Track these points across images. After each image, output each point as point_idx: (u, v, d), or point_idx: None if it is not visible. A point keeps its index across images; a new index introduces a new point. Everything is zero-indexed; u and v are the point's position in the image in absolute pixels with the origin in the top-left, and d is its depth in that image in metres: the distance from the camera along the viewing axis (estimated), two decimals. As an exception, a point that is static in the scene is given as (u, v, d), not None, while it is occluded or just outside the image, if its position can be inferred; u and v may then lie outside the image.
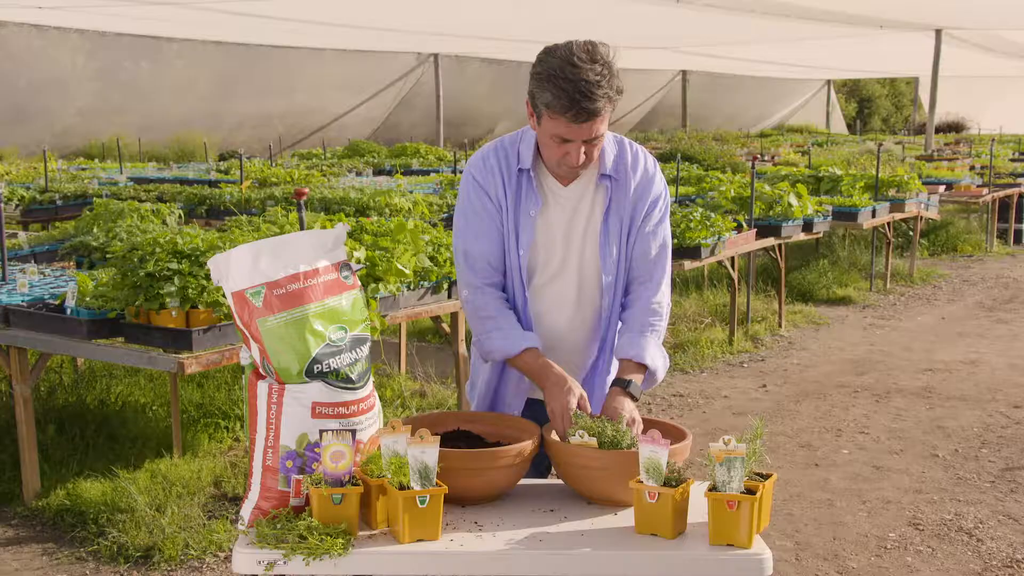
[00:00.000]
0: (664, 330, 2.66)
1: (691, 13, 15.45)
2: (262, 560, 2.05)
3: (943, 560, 4.17)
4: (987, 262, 12.54)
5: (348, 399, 2.25)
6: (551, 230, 2.61)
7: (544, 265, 2.63)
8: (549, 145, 2.48)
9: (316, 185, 9.94)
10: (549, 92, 2.35)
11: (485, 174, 2.61)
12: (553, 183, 2.62)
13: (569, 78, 2.32)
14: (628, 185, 2.61)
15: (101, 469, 4.81)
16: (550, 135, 2.44)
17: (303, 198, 3.97)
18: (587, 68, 2.33)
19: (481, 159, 2.64)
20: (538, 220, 2.60)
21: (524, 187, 2.59)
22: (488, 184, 2.61)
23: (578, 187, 2.62)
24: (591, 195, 2.61)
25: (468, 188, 2.63)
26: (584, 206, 2.61)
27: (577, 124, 2.37)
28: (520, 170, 2.59)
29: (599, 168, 2.59)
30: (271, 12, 15.88)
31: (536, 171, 2.61)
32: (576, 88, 2.32)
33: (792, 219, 8.22)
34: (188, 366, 4.00)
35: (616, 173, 2.60)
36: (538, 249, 2.61)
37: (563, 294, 2.64)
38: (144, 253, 4.34)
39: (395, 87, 25.80)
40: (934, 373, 7.17)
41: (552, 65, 2.36)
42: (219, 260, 2.25)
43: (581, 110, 2.34)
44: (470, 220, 2.63)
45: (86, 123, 20.54)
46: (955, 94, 29.84)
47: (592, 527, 2.21)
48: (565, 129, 2.40)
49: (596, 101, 2.33)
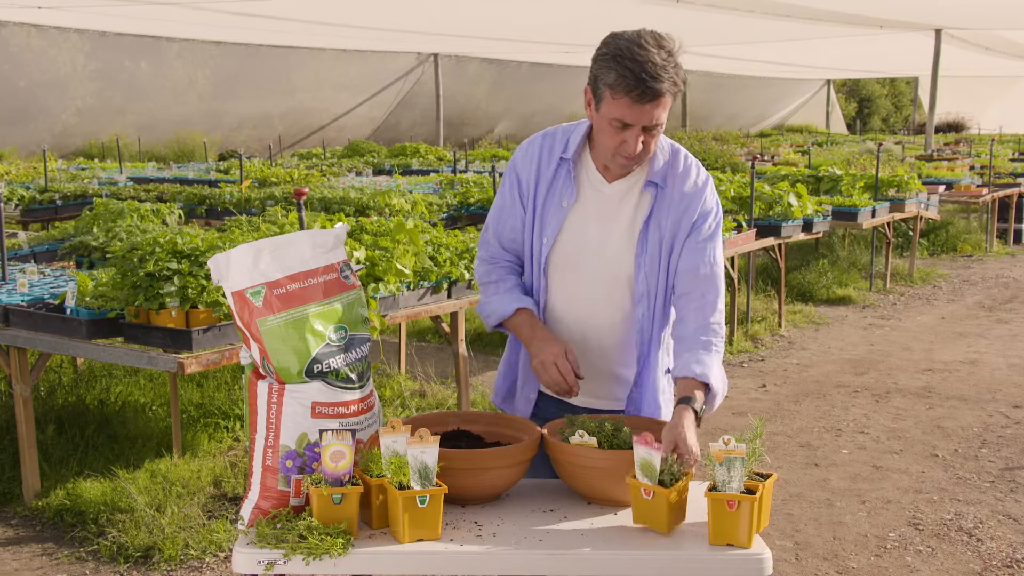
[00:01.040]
0: (723, 351, 2.54)
1: (691, 13, 15.45)
2: (262, 560, 2.05)
3: (943, 560, 4.17)
4: (987, 262, 12.54)
5: (348, 399, 2.25)
6: (585, 225, 2.55)
7: (571, 259, 2.56)
8: (607, 131, 2.41)
9: (316, 185, 9.94)
10: (615, 72, 2.33)
11: (524, 159, 2.61)
12: (596, 178, 2.55)
13: (636, 59, 2.31)
14: (674, 195, 2.52)
15: (101, 469, 4.81)
16: (610, 120, 2.39)
17: (303, 198, 3.97)
18: (654, 51, 2.33)
19: (529, 143, 2.64)
20: (571, 213, 2.55)
21: (562, 176, 2.55)
22: (523, 169, 2.60)
23: (622, 187, 2.55)
24: (635, 199, 2.54)
25: (508, 169, 2.66)
26: (625, 209, 2.54)
27: (640, 104, 2.33)
28: (562, 159, 2.55)
29: (647, 174, 2.52)
30: (271, 12, 15.88)
31: (578, 163, 2.56)
32: (642, 68, 2.30)
33: (792, 219, 8.22)
34: (188, 366, 4.00)
35: (663, 181, 2.52)
36: (566, 243, 2.55)
37: (588, 292, 2.57)
38: (144, 253, 4.34)
39: (395, 87, 25.81)
40: (934, 373, 7.17)
41: (619, 46, 2.35)
42: (219, 260, 2.25)
43: (647, 89, 2.30)
44: (497, 199, 2.68)
45: (86, 123, 20.55)
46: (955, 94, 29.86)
47: (592, 527, 2.21)
48: (627, 111, 2.35)
49: (661, 82, 2.31)
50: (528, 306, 2.57)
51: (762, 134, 30.95)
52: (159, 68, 21.12)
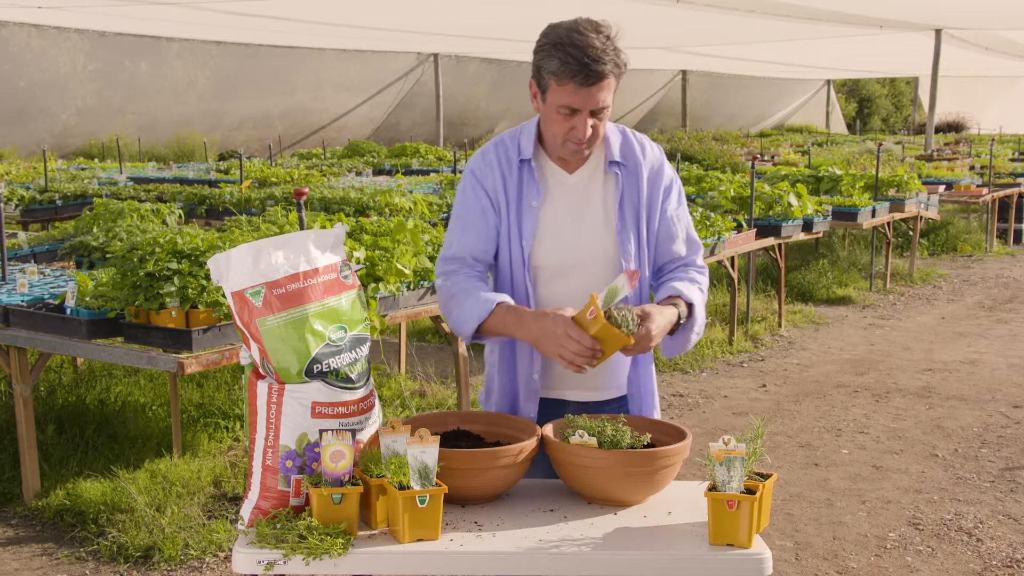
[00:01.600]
0: (706, 296, 2.65)
1: (691, 13, 15.45)
2: (262, 560, 2.05)
3: (943, 560, 4.17)
4: (987, 262, 12.54)
5: (348, 399, 2.25)
6: (558, 221, 2.57)
7: (554, 257, 2.57)
8: (555, 120, 2.45)
9: (316, 185, 9.94)
10: (557, 59, 2.37)
11: (484, 169, 2.60)
12: (558, 172, 2.59)
13: (577, 44, 2.36)
14: (639, 171, 2.59)
15: (101, 469, 4.81)
16: (556, 107, 2.43)
17: (303, 198, 3.97)
18: (593, 36, 2.37)
19: (481, 154, 2.64)
20: (542, 211, 2.56)
21: (526, 178, 2.57)
22: (486, 179, 2.59)
23: (585, 175, 2.59)
24: (600, 183, 2.59)
25: (465, 183, 2.63)
26: (594, 196, 2.59)
27: (586, 88, 2.37)
28: (521, 161, 2.58)
29: (606, 156, 2.58)
30: (271, 12, 15.88)
31: (538, 161, 2.60)
32: (584, 52, 2.35)
33: (792, 219, 8.22)
34: (188, 366, 4.00)
35: (625, 160, 2.58)
36: (546, 240, 2.56)
37: (578, 284, 2.57)
38: (144, 253, 4.34)
39: (395, 87, 25.82)
40: (934, 373, 7.17)
41: (559, 34, 2.40)
42: (219, 260, 2.25)
43: (590, 72, 2.35)
44: (461, 215, 2.62)
45: (86, 123, 20.56)
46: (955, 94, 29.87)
47: (592, 527, 2.21)
48: (573, 97, 2.39)
49: (604, 64, 2.36)
50: (506, 300, 2.47)
51: (762, 134, 30.95)
52: (159, 68, 21.13)
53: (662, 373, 7.19)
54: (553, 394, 2.66)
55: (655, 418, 2.60)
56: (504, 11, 16.24)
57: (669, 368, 7.30)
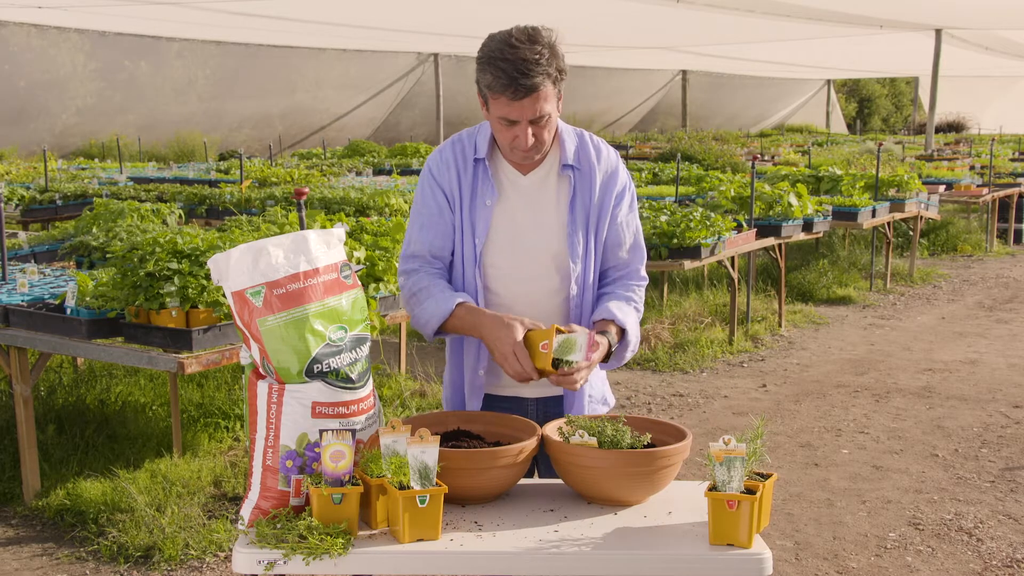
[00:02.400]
0: (642, 312, 2.68)
1: (691, 13, 15.45)
2: (262, 560, 2.05)
3: (943, 560, 4.17)
4: (987, 262, 12.54)
5: (348, 399, 2.25)
6: (513, 221, 2.60)
7: (507, 256, 2.61)
8: (499, 130, 2.50)
9: (316, 185, 9.94)
10: (489, 73, 2.40)
11: (440, 166, 2.64)
12: (512, 173, 2.62)
13: (507, 58, 2.38)
14: (592, 175, 2.61)
15: (101, 469, 4.81)
16: (497, 118, 2.47)
17: (303, 198, 3.97)
18: (525, 48, 2.39)
19: (439, 152, 2.68)
20: (496, 210, 2.60)
21: (480, 177, 2.60)
22: (442, 176, 2.63)
23: (538, 177, 2.62)
24: (554, 185, 2.62)
25: (423, 181, 2.67)
26: (547, 197, 2.61)
27: (517, 101, 2.40)
28: (476, 160, 2.61)
29: (560, 159, 2.60)
30: (271, 12, 15.88)
31: (492, 161, 2.63)
32: (514, 67, 2.36)
33: (792, 219, 8.22)
34: (188, 366, 4.00)
35: (579, 163, 2.61)
36: (498, 240, 2.60)
37: (530, 285, 2.62)
38: (144, 253, 4.34)
39: (395, 87, 25.83)
40: (934, 373, 7.17)
41: (491, 48, 2.42)
42: (219, 260, 2.25)
43: (519, 87, 2.37)
44: (419, 211, 2.66)
45: (86, 123, 20.56)
46: (955, 94, 29.87)
47: (592, 527, 2.21)
48: (508, 109, 2.42)
49: (533, 77, 2.37)
50: (466, 300, 2.54)
51: (762, 134, 30.95)
52: (159, 68, 21.13)
53: (662, 373, 7.20)
54: (507, 391, 2.71)
55: (655, 418, 2.60)
56: (504, 11, 16.24)
57: (669, 368, 7.30)
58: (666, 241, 7.09)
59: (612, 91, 29.61)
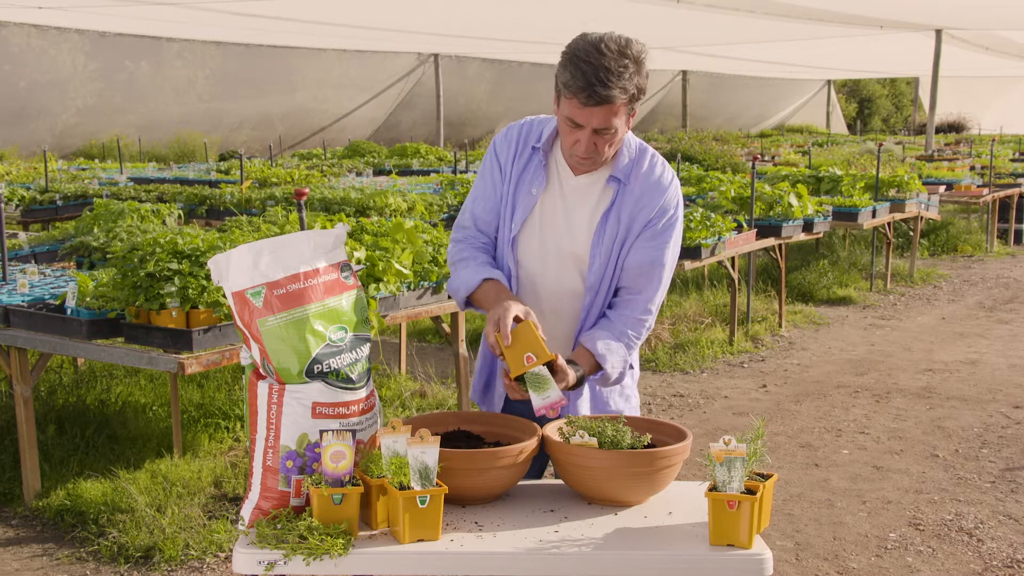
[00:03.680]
0: (636, 347, 2.65)
1: (691, 13, 15.45)
2: (262, 560, 2.05)
3: (943, 560, 4.17)
4: (987, 262, 12.54)
5: (348, 399, 2.25)
6: (553, 214, 2.63)
7: (536, 245, 2.64)
8: (564, 129, 2.51)
9: (316, 185, 9.94)
10: (569, 71, 2.39)
11: (504, 143, 2.69)
12: (564, 170, 2.64)
13: (591, 62, 2.36)
14: (635, 192, 2.60)
15: (101, 469, 4.81)
16: (564, 117, 2.47)
17: (303, 198, 3.98)
18: (611, 57, 2.36)
19: (507, 130, 2.72)
20: (540, 201, 2.63)
21: (533, 164, 2.63)
22: (502, 153, 2.68)
23: (587, 181, 2.62)
24: (598, 192, 2.62)
25: (487, 154, 2.73)
26: (588, 201, 2.62)
27: (587, 108, 2.38)
28: (534, 148, 2.64)
29: (611, 169, 2.60)
30: (271, 12, 15.88)
31: (549, 153, 2.65)
32: (594, 72, 2.34)
33: (792, 219, 8.22)
34: (188, 366, 4.00)
35: (626, 178, 2.60)
36: (534, 229, 2.63)
37: (553, 281, 2.64)
38: (144, 253, 4.34)
39: (396, 87, 25.83)
40: (934, 373, 7.17)
41: (579, 47, 2.40)
42: (219, 260, 2.25)
43: (593, 93, 2.35)
44: (477, 183, 2.73)
45: (86, 123, 20.56)
46: (955, 94, 29.88)
47: (592, 527, 2.21)
48: (577, 112, 2.41)
49: (610, 89, 2.35)
50: (496, 277, 2.58)
51: (762, 134, 30.95)
52: (159, 68, 21.13)
53: (662, 373, 7.20)
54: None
55: (655, 418, 2.60)
56: (504, 11, 16.25)
57: (669, 368, 7.30)
58: (666, 241, 7.07)
59: (612, 91, 29.55)
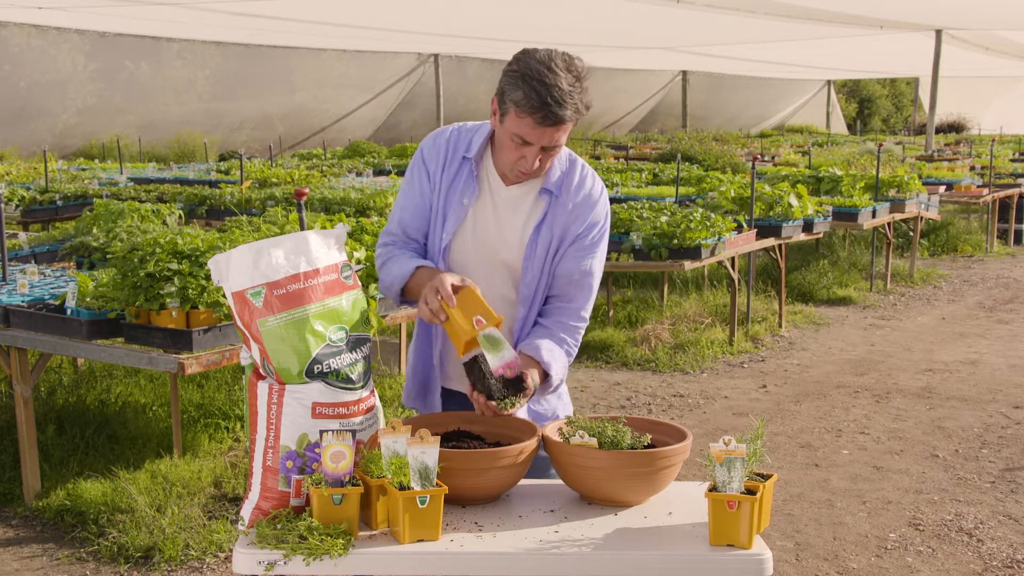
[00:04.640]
0: (574, 354, 2.66)
1: (691, 13, 15.45)
2: (262, 560, 2.05)
3: (943, 560, 4.17)
4: (987, 262, 12.54)
5: (348, 399, 2.25)
6: (486, 225, 2.62)
7: (468, 255, 2.63)
8: (508, 146, 2.49)
9: (316, 185, 9.94)
10: (522, 91, 2.38)
11: (432, 152, 2.66)
12: (496, 180, 2.63)
13: (545, 81, 2.36)
14: (566, 204, 2.61)
15: (101, 469, 4.81)
16: (511, 135, 2.46)
17: (303, 198, 3.98)
18: (563, 76, 2.38)
19: (434, 136, 2.69)
20: (471, 211, 2.61)
21: (464, 174, 2.61)
22: (431, 161, 2.65)
23: (519, 191, 2.62)
24: (530, 204, 2.62)
25: (413, 161, 2.70)
26: (520, 212, 2.62)
27: (542, 128, 2.40)
28: (464, 158, 2.62)
29: (543, 182, 2.60)
30: (271, 12, 15.88)
31: (479, 164, 2.63)
32: (549, 92, 2.35)
33: (792, 219, 8.22)
34: (188, 366, 4.00)
35: (558, 190, 2.60)
36: (466, 238, 2.62)
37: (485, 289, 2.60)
38: (144, 253, 4.34)
39: (396, 87, 25.83)
40: (934, 373, 7.17)
41: (529, 66, 2.40)
42: (219, 260, 2.25)
43: (549, 114, 2.37)
44: (404, 191, 2.71)
45: (86, 123, 20.56)
46: (955, 94, 29.88)
47: (592, 527, 2.21)
48: (529, 131, 2.41)
49: (565, 109, 2.37)
50: (429, 265, 2.58)
51: (762, 134, 30.95)
52: (159, 68, 21.13)
53: (662, 374, 7.20)
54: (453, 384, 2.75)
55: (655, 418, 2.60)
56: (504, 11, 16.25)
57: (669, 369, 7.30)
58: (666, 242, 7.09)
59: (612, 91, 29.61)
